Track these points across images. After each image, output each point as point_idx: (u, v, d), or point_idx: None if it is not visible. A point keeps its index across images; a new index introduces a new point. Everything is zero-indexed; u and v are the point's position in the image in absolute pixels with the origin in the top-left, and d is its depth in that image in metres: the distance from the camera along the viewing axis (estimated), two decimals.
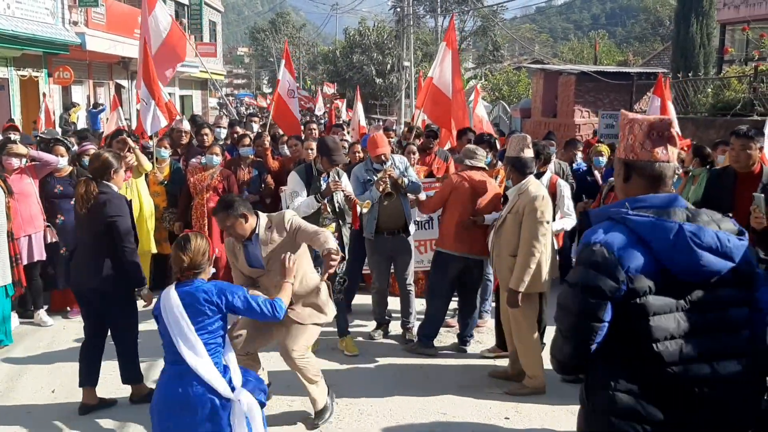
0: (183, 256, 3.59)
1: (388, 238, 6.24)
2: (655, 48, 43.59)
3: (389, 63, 38.37)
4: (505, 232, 5.05)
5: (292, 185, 5.82)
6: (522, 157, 5.04)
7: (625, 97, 16.11)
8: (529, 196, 4.94)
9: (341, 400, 5.03)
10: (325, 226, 5.72)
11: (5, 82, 16.48)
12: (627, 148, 2.31)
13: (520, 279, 4.90)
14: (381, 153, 6.11)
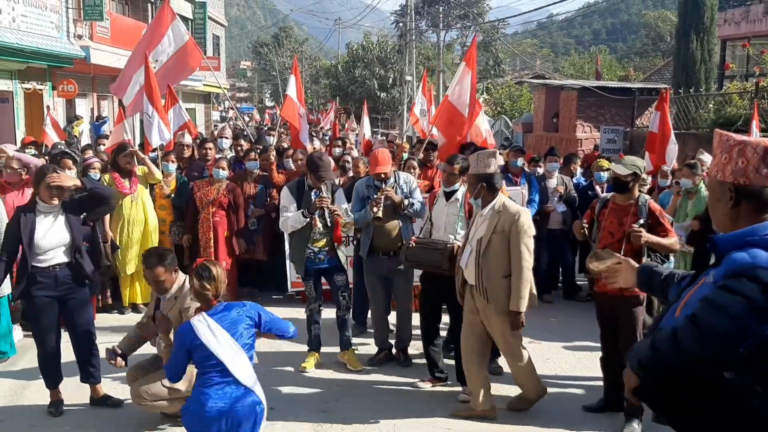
0: (209, 286, 3.83)
1: (383, 259, 6.01)
2: (656, 63, 43.74)
3: (391, 77, 38.52)
4: (493, 254, 4.82)
5: (283, 200, 5.96)
6: (493, 173, 4.89)
7: (627, 112, 16.20)
8: (510, 213, 4.81)
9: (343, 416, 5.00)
10: (315, 241, 5.81)
11: (9, 95, 16.54)
12: (737, 172, 2.18)
13: (519, 298, 4.77)
14: (380, 171, 5.94)
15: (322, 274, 6.00)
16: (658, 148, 8.33)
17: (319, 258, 5.89)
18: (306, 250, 5.84)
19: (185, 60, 9.07)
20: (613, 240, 4.86)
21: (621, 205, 4.96)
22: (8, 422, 4.91)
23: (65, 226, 4.95)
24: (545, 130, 17.70)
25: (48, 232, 4.88)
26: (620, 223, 4.89)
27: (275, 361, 6.19)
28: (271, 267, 8.30)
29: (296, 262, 5.97)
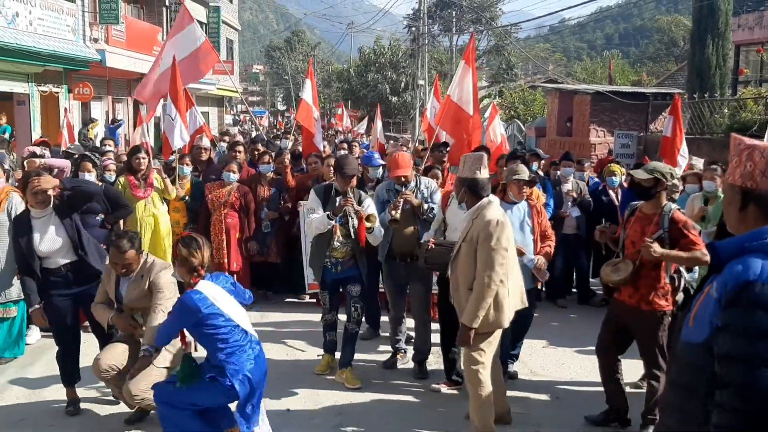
0: (197, 254, 4.14)
1: (400, 265, 5.92)
2: (669, 68, 43.53)
3: (403, 81, 38.55)
4: (461, 263, 4.49)
5: (309, 202, 5.81)
6: (477, 178, 4.52)
7: (641, 117, 16.15)
8: (482, 221, 4.40)
9: (358, 420, 5.03)
10: (334, 250, 5.60)
11: (26, 97, 16.71)
12: (745, 176, 2.17)
13: (473, 314, 4.30)
14: (400, 174, 5.88)
15: (339, 284, 5.79)
16: (671, 152, 8.31)
17: (337, 269, 5.67)
18: (324, 259, 5.67)
19: (200, 61, 9.14)
20: (633, 250, 4.71)
21: (646, 214, 4.76)
22: (28, 421, 4.96)
23: (60, 228, 5.05)
24: (558, 135, 17.66)
25: (44, 236, 5.00)
26: (643, 232, 4.69)
27: (290, 366, 6.22)
28: (285, 270, 8.35)
29: (314, 268, 5.83)
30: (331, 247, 5.62)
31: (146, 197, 7.33)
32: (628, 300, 4.75)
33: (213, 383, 4.11)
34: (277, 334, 6.98)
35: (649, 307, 4.66)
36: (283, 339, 6.83)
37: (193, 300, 4.01)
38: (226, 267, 7.53)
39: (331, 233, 5.57)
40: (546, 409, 5.31)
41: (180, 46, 8.89)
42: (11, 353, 6.10)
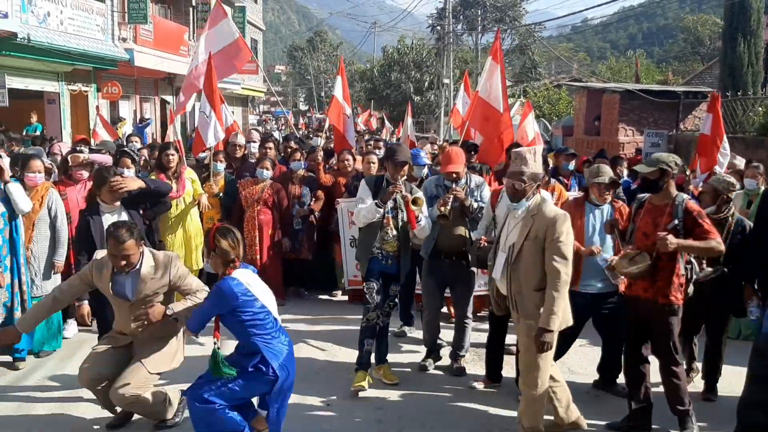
0: (237, 246, 4.15)
1: (445, 263, 5.72)
2: (695, 68, 43.04)
3: (427, 81, 38.47)
4: (525, 263, 4.32)
5: (359, 192, 5.64)
6: (537, 173, 4.43)
7: (671, 115, 15.94)
8: (547, 217, 4.27)
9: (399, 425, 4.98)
10: (386, 242, 5.44)
11: (56, 96, 16.90)
12: None
13: (553, 314, 4.16)
14: (452, 170, 5.63)
15: (386, 278, 5.54)
16: (710, 151, 8.16)
17: (388, 262, 5.47)
18: (374, 250, 5.48)
19: (234, 57, 9.15)
20: (647, 242, 4.59)
21: (657, 205, 4.66)
22: (68, 414, 4.98)
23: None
24: (586, 134, 17.50)
25: None
26: (655, 224, 4.61)
27: (326, 362, 6.20)
28: (317, 267, 8.34)
29: (361, 260, 5.64)
30: (382, 240, 5.47)
31: (178, 197, 7.19)
32: (643, 294, 4.65)
33: (256, 373, 4.12)
34: (312, 331, 6.97)
35: (666, 300, 4.58)
36: (318, 336, 6.80)
37: (230, 286, 4.02)
38: (258, 264, 7.51)
39: (381, 224, 5.43)
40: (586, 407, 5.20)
41: (214, 41, 8.90)
42: (50, 346, 6.14)
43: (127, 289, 4.51)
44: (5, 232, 5.64)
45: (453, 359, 5.94)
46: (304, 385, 5.45)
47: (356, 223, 5.77)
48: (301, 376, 5.58)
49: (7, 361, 5.89)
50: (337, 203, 7.59)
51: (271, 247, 7.85)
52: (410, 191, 5.48)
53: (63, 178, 6.64)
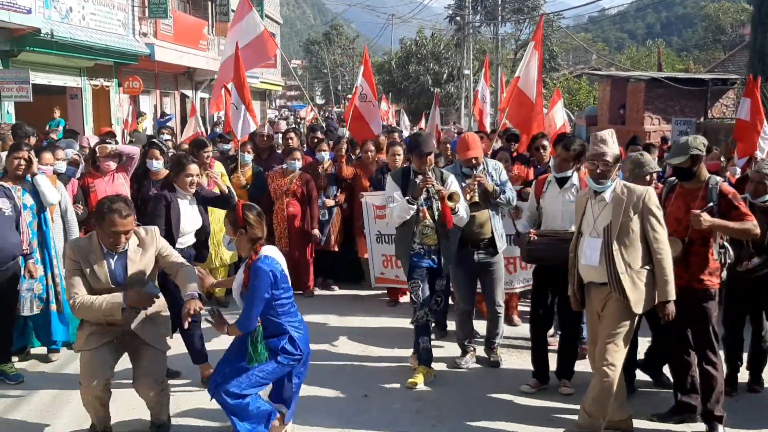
0: (262, 221, 4.11)
1: (472, 252, 5.55)
2: (717, 56, 42.49)
3: (445, 72, 38.26)
4: (628, 242, 4.22)
5: (387, 189, 5.49)
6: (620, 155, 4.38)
7: (697, 103, 15.73)
8: (638, 193, 4.23)
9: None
10: (425, 236, 5.27)
11: (78, 91, 16.94)
12: None
13: (669, 283, 4.19)
14: (472, 156, 5.48)
15: (428, 275, 5.36)
16: (750, 136, 7.97)
17: (431, 257, 5.30)
18: (414, 245, 5.30)
19: (261, 48, 9.10)
20: (679, 227, 4.47)
21: (688, 189, 4.54)
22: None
23: (199, 212, 5.45)
24: (611, 123, 17.30)
25: (188, 216, 5.31)
26: (687, 208, 4.43)
27: (361, 357, 6.12)
28: (344, 258, 8.23)
29: (402, 258, 5.46)
30: (421, 234, 5.28)
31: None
32: (677, 281, 4.41)
33: (285, 355, 4.07)
34: (343, 326, 6.86)
35: (700, 285, 4.45)
36: (350, 331, 6.68)
37: (266, 264, 3.96)
38: (288, 257, 7.39)
39: (416, 219, 5.24)
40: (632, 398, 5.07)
41: (241, 35, 8.86)
42: None
43: (118, 273, 4.22)
44: (34, 224, 5.60)
45: (488, 349, 5.81)
46: (339, 379, 5.45)
47: (390, 223, 5.66)
48: (334, 371, 5.61)
49: (41, 353, 5.87)
50: (362, 197, 7.36)
51: (301, 240, 7.75)
52: (441, 177, 5.34)
53: (91, 169, 6.61)
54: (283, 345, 4.07)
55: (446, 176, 5.39)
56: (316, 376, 5.05)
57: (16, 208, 5.24)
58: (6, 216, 5.11)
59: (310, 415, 4.76)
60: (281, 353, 4.07)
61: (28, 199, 5.58)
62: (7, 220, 5.12)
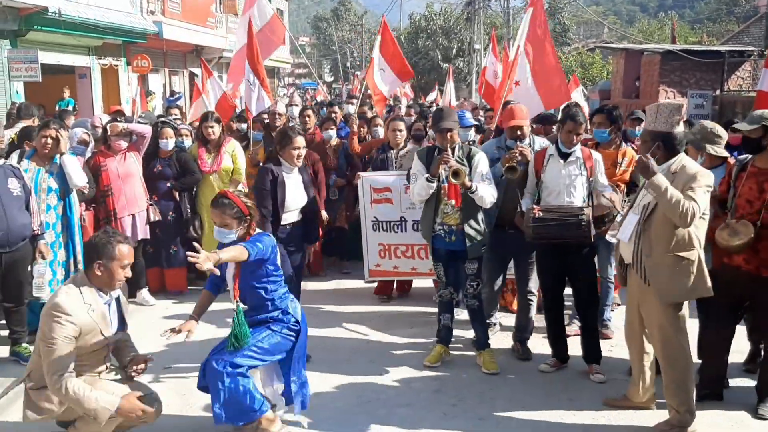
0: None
1: (509, 234, 5.22)
2: (730, 29, 41.83)
3: (455, 48, 37.84)
4: (657, 222, 3.98)
5: (413, 167, 5.29)
6: (674, 132, 4.00)
7: (713, 76, 15.47)
8: (689, 174, 3.92)
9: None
10: (446, 215, 5.03)
11: (87, 70, 16.88)
12: None
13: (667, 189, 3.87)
14: (516, 124, 5.19)
15: (455, 256, 5.14)
16: None
17: (451, 238, 5.05)
18: (435, 226, 5.08)
19: (272, 34, 8.97)
20: (751, 210, 4.23)
21: (762, 169, 4.27)
22: None
23: (303, 187, 5.24)
24: (625, 97, 17.06)
25: (293, 192, 5.14)
26: (761, 189, 4.20)
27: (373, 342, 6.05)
28: (354, 239, 8.01)
29: (425, 237, 5.24)
30: (442, 213, 5.05)
31: (211, 172, 6.93)
32: (744, 266, 4.27)
33: (278, 323, 4.04)
34: (355, 310, 6.73)
35: None
36: (362, 314, 6.55)
37: (268, 236, 4.02)
38: None
39: (438, 197, 5.01)
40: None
41: (254, 20, 8.72)
42: None
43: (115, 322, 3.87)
44: (59, 208, 5.54)
45: (518, 342, 5.47)
46: (356, 359, 5.39)
47: (414, 202, 5.50)
48: (351, 353, 5.53)
49: None
50: (358, 177, 6.78)
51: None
52: (469, 153, 5.08)
53: (103, 148, 6.54)
54: (273, 316, 4.05)
55: (474, 152, 5.10)
56: (332, 357, 5.00)
57: (25, 188, 5.16)
58: (14, 196, 5.03)
59: (328, 396, 4.73)
60: (274, 321, 4.04)
61: (53, 182, 5.52)
62: (16, 200, 5.04)
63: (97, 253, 3.65)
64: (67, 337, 3.52)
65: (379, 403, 4.64)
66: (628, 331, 4.47)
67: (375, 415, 4.46)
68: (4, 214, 4.92)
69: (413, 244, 6.48)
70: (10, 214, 4.97)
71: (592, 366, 5.02)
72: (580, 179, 4.95)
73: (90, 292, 3.67)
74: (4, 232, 4.92)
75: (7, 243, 4.96)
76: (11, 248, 5.02)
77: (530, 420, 4.44)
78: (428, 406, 4.60)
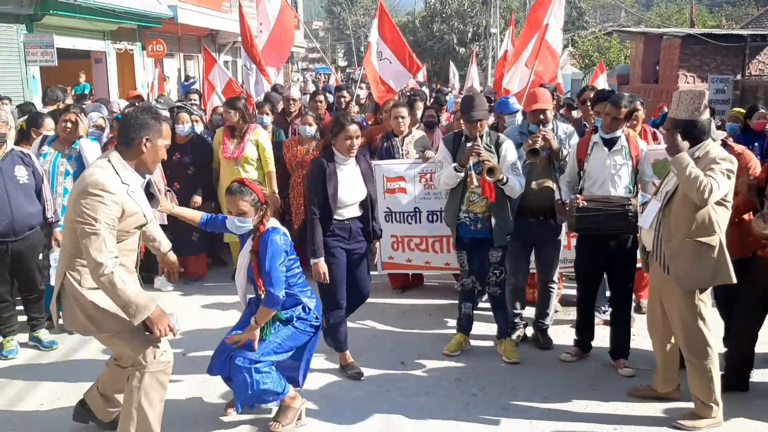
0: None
1: (532, 222, 5.16)
2: (750, 12, 41.19)
3: (470, 31, 37.47)
4: (677, 207, 3.94)
5: (438, 154, 5.20)
6: (697, 120, 3.91)
7: (733, 60, 15.23)
8: (710, 158, 3.87)
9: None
10: (472, 203, 4.93)
11: (103, 55, 16.87)
12: None
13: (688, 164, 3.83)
14: (539, 108, 5.07)
15: (479, 244, 5.04)
16: None
17: (477, 226, 4.93)
18: (460, 214, 4.98)
19: (285, 21, 8.89)
20: None
21: None
22: None
23: (361, 179, 4.67)
24: (643, 82, 16.84)
25: (348, 185, 4.59)
26: None
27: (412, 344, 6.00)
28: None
29: (450, 226, 5.15)
30: (469, 201, 4.94)
31: (232, 158, 6.71)
32: None
33: (300, 321, 4.02)
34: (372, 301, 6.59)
35: None
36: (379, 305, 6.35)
37: (280, 236, 3.88)
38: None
39: (464, 185, 4.91)
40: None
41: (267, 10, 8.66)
42: None
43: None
44: None
45: (538, 331, 5.43)
46: (376, 348, 5.34)
47: (439, 189, 5.40)
48: (371, 342, 5.47)
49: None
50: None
51: None
52: (497, 141, 4.99)
53: None
54: (296, 315, 4.01)
55: (502, 140, 5.00)
56: (351, 346, 4.94)
57: (36, 175, 5.06)
58: (21, 184, 4.93)
59: (347, 385, 4.70)
60: (297, 319, 4.01)
61: (70, 166, 5.49)
62: (23, 188, 4.95)
63: (143, 128, 3.39)
64: (111, 218, 3.26)
65: (399, 392, 4.61)
66: (651, 321, 4.42)
67: (395, 404, 4.43)
68: (9, 203, 4.84)
69: (427, 237, 6.27)
70: (16, 203, 4.89)
71: (620, 360, 4.93)
72: (626, 169, 4.81)
73: (126, 172, 3.40)
74: (9, 221, 4.86)
75: (12, 232, 4.90)
76: (17, 237, 4.95)
77: (553, 410, 4.39)
78: (449, 395, 4.56)
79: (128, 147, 3.42)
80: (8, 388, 4.66)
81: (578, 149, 4.98)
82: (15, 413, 4.33)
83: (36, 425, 4.18)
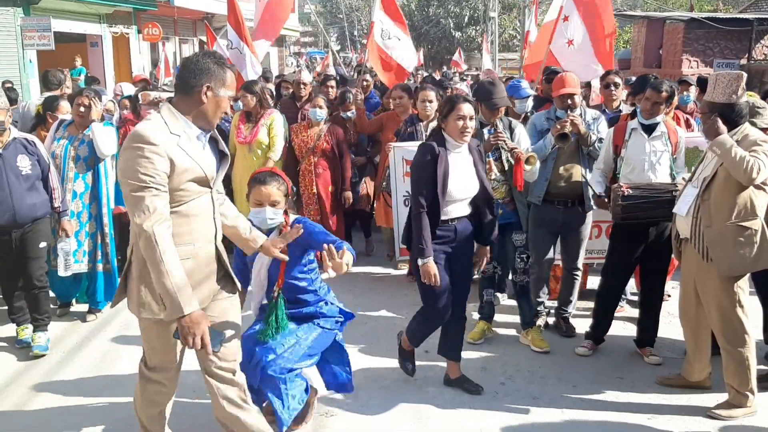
0: None
1: (558, 209, 5.00)
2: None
3: (467, 15, 37.24)
4: (716, 192, 3.85)
5: None
6: (734, 103, 3.83)
7: (738, 45, 15.11)
8: (750, 141, 3.79)
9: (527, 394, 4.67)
10: (493, 190, 4.66)
11: (98, 39, 16.67)
12: None
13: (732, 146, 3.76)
14: (566, 92, 4.94)
15: (498, 231, 4.66)
16: None
17: (498, 211, 4.64)
18: None
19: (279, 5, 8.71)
20: None
21: None
22: None
23: (474, 170, 4.11)
24: (646, 66, 16.69)
25: (459, 176, 4.01)
26: None
27: None
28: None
29: None
30: None
31: (245, 143, 6.50)
32: None
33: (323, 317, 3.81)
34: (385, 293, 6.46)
35: None
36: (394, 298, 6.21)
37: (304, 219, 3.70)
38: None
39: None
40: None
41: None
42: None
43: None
44: (88, 177, 5.36)
45: (560, 318, 5.32)
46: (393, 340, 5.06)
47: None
48: (385, 334, 5.22)
49: (81, 311, 5.68)
50: (389, 147, 6.09)
51: (334, 205, 6.75)
52: (509, 125, 4.91)
53: (132, 117, 6.35)
54: (318, 310, 3.80)
55: (515, 125, 4.95)
56: (374, 334, 4.83)
57: (41, 163, 4.87)
58: (23, 175, 4.74)
59: (372, 374, 4.60)
60: (320, 317, 3.80)
61: (82, 150, 5.34)
62: (25, 179, 4.76)
63: (204, 74, 2.90)
64: (156, 173, 2.73)
65: (427, 381, 4.50)
66: (683, 307, 4.32)
67: (424, 393, 4.35)
68: (10, 195, 4.68)
69: None
70: (18, 195, 4.72)
71: (646, 348, 4.85)
72: (666, 155, 4.69)
73: (177, 122, 2.89)
74: (11, 213, 4.69)
75: (14, 224, 4.75)
76: (19, 229, 4.80)
77: (584, 399, 4.31)
78: (477, 382, 4.44)
79: (186, 95, 2.91)
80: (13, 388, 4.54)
81: (615, 135, 4.84)
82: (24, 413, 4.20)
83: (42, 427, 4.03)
